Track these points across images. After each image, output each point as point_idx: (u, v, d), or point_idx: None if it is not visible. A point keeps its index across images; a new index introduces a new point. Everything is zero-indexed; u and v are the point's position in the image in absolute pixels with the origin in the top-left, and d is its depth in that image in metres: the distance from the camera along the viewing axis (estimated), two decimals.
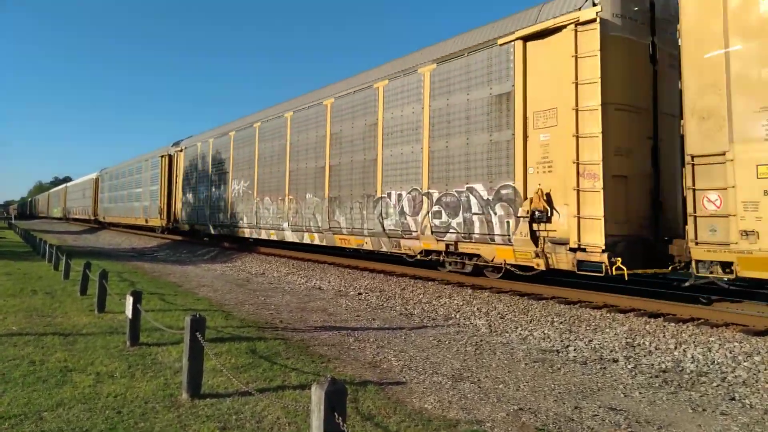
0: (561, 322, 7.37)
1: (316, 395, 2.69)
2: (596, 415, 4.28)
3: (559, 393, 4.82)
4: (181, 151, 24.76)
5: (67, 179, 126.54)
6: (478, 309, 8.45)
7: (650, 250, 7.88)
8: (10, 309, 8.16)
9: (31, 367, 5.18)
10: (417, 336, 7.02)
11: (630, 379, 5.29)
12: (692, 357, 5.85)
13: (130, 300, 6.06)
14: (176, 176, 24.99)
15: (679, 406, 4.55)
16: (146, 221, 29.33)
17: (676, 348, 6.12)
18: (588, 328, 7.07)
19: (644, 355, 6.04)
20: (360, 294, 10.48)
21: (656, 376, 5.36)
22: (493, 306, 8.51)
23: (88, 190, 48.67)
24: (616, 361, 5.93)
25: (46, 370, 5.12)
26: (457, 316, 8.27)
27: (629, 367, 5.69)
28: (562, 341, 6.72)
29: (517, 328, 7.42)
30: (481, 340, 6.85)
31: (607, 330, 6.90)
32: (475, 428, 3.95)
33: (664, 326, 6.78)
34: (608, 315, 7.45)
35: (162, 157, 26.75)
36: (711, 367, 5.58)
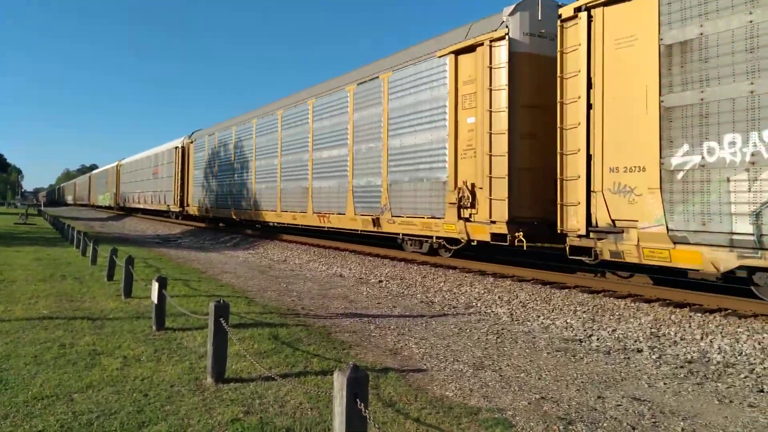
0: (584, 312, 7.29)
1: (339, 381, 2.71)
2: (619, 405, 4.24)
3: (582, 382, 4.78)
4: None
5: (93, 167, 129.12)
6: (499, 297, 8.41)
7: None
8: (41, 293, 8.40)
9: (61, 350, 5.33)
10: (438, 324, 7.02)
11: (654, 369, 5.22)
12: (719, 348, 5.74)
13: (155, 286, 6.18)
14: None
15: (705, 397, 4.48)
16: (374, 222, 12.38)
17: (702, 338, 6.01)
18: (612, 317, 6.99)
19: (669, 346, 5.95)
20: (381, 282, 10.51)
21: (681, 367, 5.28)
22: (514, 294, 8.46)
23: (165, 167, 30.36)
24: (640, 351, 5.85)
25: (75, 353, 5.27)
26: (479, 305, 8.24)
27: (654, 357, 5.61)
28: (585, 330, 6.66)
29: (539, 316, 7.37)
30: (502, 329, 6.82)
31: (632, 320, 6.81)
32: (497, 416, 3.94)
33: (690, 316, 6.66)
34: (633, 305, 7.34)
35: (453, 57, 10.19)
36: (738, 358, 5.47)
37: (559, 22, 8.18)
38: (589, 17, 7.73)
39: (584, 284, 8.72)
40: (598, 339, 6.33)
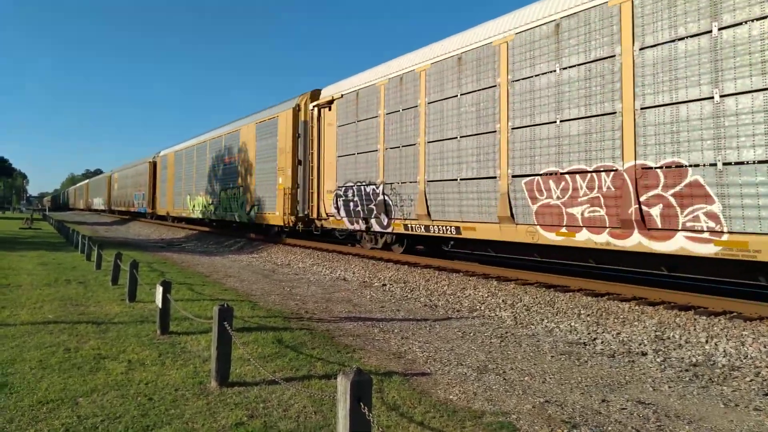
0: (588, 315, 7.28)
1: (342, 385, 2.71)
2: (624, 409, 4.23)
3: (586, 386, 4.77)
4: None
5: (98, 171, 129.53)
6: (503, 301, 8.40)
7: None
8: (46, 298, 8.43)
9: (66, 354, 5.35)
10: (441, 327, 7.01)
11: (659, 372, 5.20)
12: (724, 351, 5.71)
13: (160, 290, 6.19)
14: None
15: (710, 400, 4.46)
16: None
17: (707, 341, 5.99)
18: (616, 320, 6.96)
19: (674, 349, 5.92)
20: (384, 285, 10.51)
21: (686, 370, 5.26)
22: (518, 298, 8.44)
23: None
24: (644, 354, 5.83)
25: (80, 357, 5.28)
26: (482, 308, 8.23)
27: (658, 360, 5.60)
28: (589, 334, 6.64)
29: (543, 320, 7.35)
30: (506, 332, 6.81)
31: (636, 323, 6.79)
32: (501, 420, 3.94)
33: (695, 319, 6.64)
34: (637, 308, 7.32)
35: None
36: (744, 361, 5.45)
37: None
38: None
39: (588, 287, 8.70)
40: (602, 342, 6.31)
